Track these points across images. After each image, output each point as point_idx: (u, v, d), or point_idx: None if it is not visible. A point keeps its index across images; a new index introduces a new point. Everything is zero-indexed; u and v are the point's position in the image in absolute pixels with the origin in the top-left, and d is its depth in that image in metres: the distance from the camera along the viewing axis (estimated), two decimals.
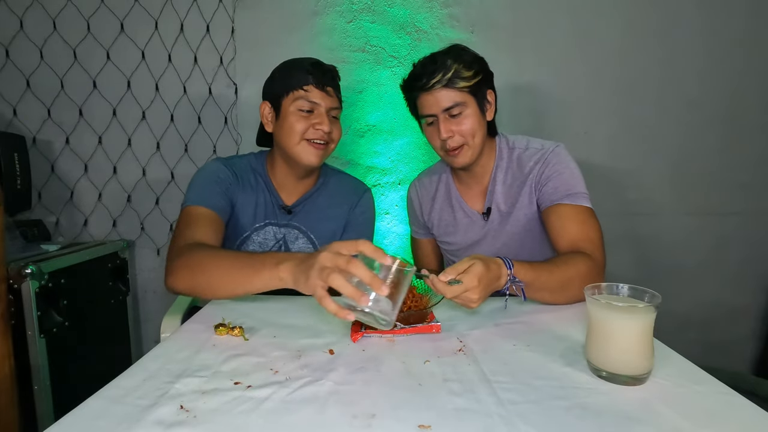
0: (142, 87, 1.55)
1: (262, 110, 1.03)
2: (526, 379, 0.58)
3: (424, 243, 1.24)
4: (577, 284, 0.83)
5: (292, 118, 0.97)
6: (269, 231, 1.06)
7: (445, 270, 0.71)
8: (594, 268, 0.87)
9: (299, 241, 1.07)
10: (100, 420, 0.49)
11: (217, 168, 1.03)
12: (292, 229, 1.07)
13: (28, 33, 1.50)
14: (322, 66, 1.00)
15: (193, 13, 1.52)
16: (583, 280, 0.82)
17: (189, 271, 0.80)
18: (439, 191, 1.16)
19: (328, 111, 1.00)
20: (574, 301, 0.86)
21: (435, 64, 0.96)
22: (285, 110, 0.98)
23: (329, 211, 1.09)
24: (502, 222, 1.06)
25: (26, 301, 1.14)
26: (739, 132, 1.61)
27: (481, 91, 0.99)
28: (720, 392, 0.55)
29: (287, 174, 1.06)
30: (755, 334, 1.71)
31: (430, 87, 0.96)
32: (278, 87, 0.99)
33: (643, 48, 1.56)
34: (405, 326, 0.72)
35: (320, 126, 0.97)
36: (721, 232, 1.65)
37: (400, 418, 0.49)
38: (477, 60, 1.00)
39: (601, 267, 0.90)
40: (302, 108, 0.97)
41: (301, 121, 0.97)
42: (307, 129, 0.97)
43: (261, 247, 1.06)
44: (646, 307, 0.57)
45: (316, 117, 0.98)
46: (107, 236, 1.62)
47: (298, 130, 0.97)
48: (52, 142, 1.56)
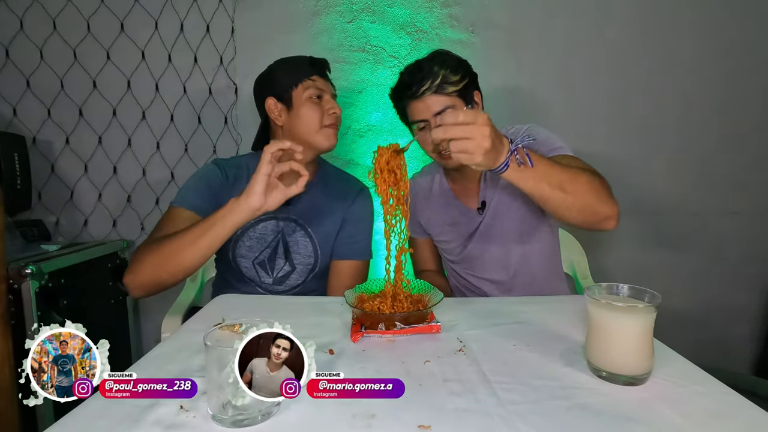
0: (142, 87, 1.55)
1: (269, 105, 1.06)
2: (526, 379, 0.58)
3: (421, 243, 1.24)
4: (584, 181, 0.77)
5: (307, 107, 1.04)
6: (269, 225, 1.07)
7: (446, 112, 0.67)
8: (599, 176, 0.82)
9: (296, 234, 1.08)
10: (100, 420, 0.49)
11: (209, 170, 1.06)
12: (290, 222, 1.08)
13: (28, 33, 1.50)
14: (318, 59, 1.10)
15: (193, 13, 1.52)
16: (590, 180, 0.77)
17: (146, 256, 0.86)
18: (434, 191, 1.18)
19: (333, 96, 1.08)
20: (580, 204, 0.77)
21: (422, 72, 0.99)
22: (298, 100, 1.04)
23: (327, 205, 1.11)
24: (499, 214, 1.07)
25: (26, 301, 1.14)
26: (738, 132, 1.61)
27: (469, 93, 1.02)
28: (720, 392, 0.55)
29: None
30: (755, 334, 1.71)
31: (420, 94, 0.98)
32: (285, 81, 1.05)
33: (643, 48, 1.56)
34: (405, 326, 0.72)
35: (333, 110, 1.05)
36: (720, 232, 1.65)
37: (400, 418, 0.49)
38: (461, 64, 1.02)
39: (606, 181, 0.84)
40: (313, 96, 1.04)
41: (316, 109, 1.04)
42: (322, 115, 1.04)
43: (259, 241, 1.06)
44: (646, 307, 0.57)
45: (327, 102, 1.05)
46: (107, 236, 1.61)
47: (315, 118, 1.04)
48: (52, 142, 1.56)
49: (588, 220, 0.81)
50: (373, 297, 0.82)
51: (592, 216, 0.80)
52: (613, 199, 0.82)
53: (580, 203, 0.77)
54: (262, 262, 1.07)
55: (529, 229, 1.07)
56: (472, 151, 0.66)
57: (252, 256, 1.06)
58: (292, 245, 1.07)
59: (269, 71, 1.08)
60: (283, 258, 1.07)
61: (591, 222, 0.81)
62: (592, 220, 0.81)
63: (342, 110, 1.09)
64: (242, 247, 1.06)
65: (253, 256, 1.06)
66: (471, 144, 0.66)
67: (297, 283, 1.09)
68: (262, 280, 1.08)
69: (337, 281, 1.09)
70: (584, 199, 0.78)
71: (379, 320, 0.73)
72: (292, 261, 1.08)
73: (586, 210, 0.79)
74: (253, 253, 1.06)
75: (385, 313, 0.74)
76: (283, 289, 1.09)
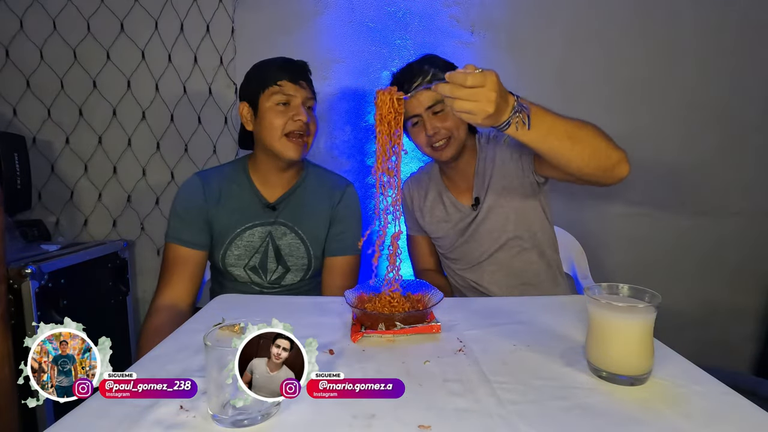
0: (142, 87, 1.55)
1: (241, 111, 1.07)
2: (526, 379, 0.58)
3: (420, 241, 1.25)
4: (589, 128, 0.78)
5: (271, 114, 1.02)
6: (255, 232, 1.07)
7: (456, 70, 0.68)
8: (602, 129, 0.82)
9: (287, 237, 1.08)
10: (100, 420, 0.49)
11: (191, 192, 1.08)
12: (278, 226, 1.08)
13: (28, 33, 1.50)
14: (292, 62, 1.05)
15: (193, 13, 1.52)
16: (594, 127, 0.78)
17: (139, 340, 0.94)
18: (430, 189, 1.20)
19: (304, 102, 1.04)
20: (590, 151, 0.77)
21: (412, 72, 1.04)
22: (263, 107, 1.03)
23: (313, 206, 1.11)
24: (493, 210, 1.09)
25: (26, 301, 1.14)
26: (738, 132, 1.61)
27: None
28: (720, 392, 0.55)
29: (269, 170, 1.08)
30: (755, 334, 1.70)
31: (412, 91, 1.00)
32: (254, 86, 1.04)
33: (643, 48, 1.56)
34: (405, 326, 0.72)
35: (298, 117, 1.01)
36: (721, 232, 1.65)
37: (400, 418, 0.49)
38: (449, 65, 1.07)
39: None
40: (279, 102, 1.02)
41: (279, 116, 1.02)
42: (285, 122, 1.01)
43: (247, 249, 1.07)
44: (646, 307, 0.57)
45: (293, 109, 1.02)
46: (107, 236, 1.61)
47: (277, 125, 1.01)
48: (52, 142, 1.56)
49: (601, 166, 0.81)
50: (374, 297, 0.82)
51: (605, 160, 0.80)
52: (618, 146, 0.82)
53: (590, 150, 0.78)
54: (254, 267, 1.08)
55: (525, 225, 1.08)
56: (475, 113, 0.68)
57: (242, 264, 1.07)
58: (283, 248, 1.08)
59: (246, 76, 1.08)
60: (275, 261, 1.08)
61: (605, 168, 0.81)
62: (605, 165, 0.81)
63: (317, 118, 1.07)
64: (231, 256, 1.07)
65: (243, 263, 1.07)
66: (475, 106, 0.67)
67: (293, 282, 1.10)
68: (256, 283, 1.09)
69: (329, 278, 1.10)
70: (593, 144, 0.78)
71: (379, 320, 0.73)
72: (285, 263, 1.08)
73: (599, 154, 0.79)
74: (242, 260, 1.07)
75: (385, 313, 0.74)
76: (279, 290, 1.10)
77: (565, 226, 1.36)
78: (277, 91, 1.01)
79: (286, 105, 1.02)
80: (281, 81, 1.01)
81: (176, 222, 1.05)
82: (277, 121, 1.01)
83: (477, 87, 0.66)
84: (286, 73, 1.02)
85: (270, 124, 1.01)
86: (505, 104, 0.70)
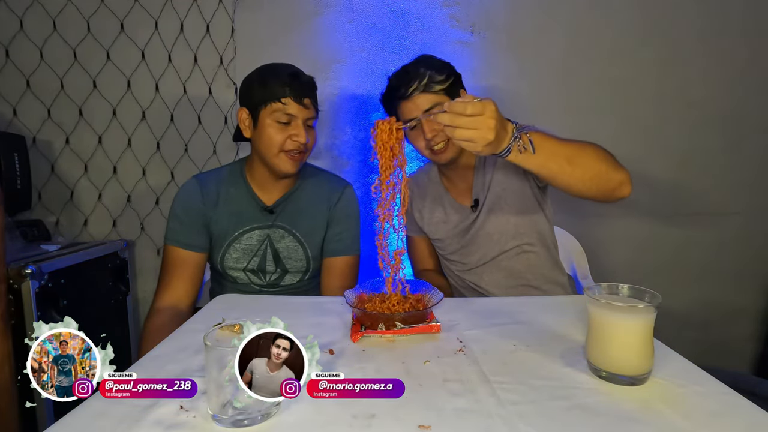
0: (142, 87, 1.55)
1: (240, 116, 1.05)
2: (526, 379, 0.58)
3: (419, 242, 1.25)
4: (590, 152, 0.79)
5: (270, 130, 1.00)
6: (253, 235, 1.07)
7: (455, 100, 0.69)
8: (603, 148, 0.83)
9: (285, 240, 1.08)
10: (100, 420, 0.49)
11: (189, 195, 1.07)
12: (276, 229, 1.08)
13: (28, 33, 1.50)
14: (299, 77, 1.01)
15: (193, 13, 1.52)
16: (596, 150, 0.78)
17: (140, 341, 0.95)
18: (429, 190, 1.20)
19: (305, 121, 1.01)
20: (590, 175, 0.78)
21: (409, 75, 1.02)
22: (263, 121, 1.00)
23: (310, 208, 1.11)
24: (492, 212, 1.09)
25: (26, 301, 1.14)
26: (739, 132, 1.61)
27: (456, 92, 1.03)
28: (720, 392, 0.55)
29: (266, 175, 1.08)
30: (755, 334, 1.71)
31: (409, 94, 1.01)
32: (256, 96, 1.00)
33: (644, 48, 1.56)
34: (405, 326, 0.72)
35: (297, 138, 1.00)
36: (721, 232, 1.65)
37: (400, 418, 0.49)
38: (445, 65, 1.06)
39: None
40: (280, 120, 0.99)
41: (278, 133, 1.00)
42: (284, 140, 1.00)
43: (245, 251, 1.07)
44: (646, 307, 0.57)
45: (294, 129, 1.00)
46: (107, 236, 1.62)
47: (276, 142, 1.00)
48: (52, 142, 1.56)
49: (602, 189, 0.81)
50: (374, 297, 0.82)
51: (605, 184, 0.81)
52: (621, 166, 0.83)
53: (590, 174, 0.79)
54: (253, 269, 1.08)
55: (525, 226, 1.08)
56: (475, 141, 0.68)
57: (241, 266, 1.08)
58: (282, 251, 1.08)
59: (249, 79, 1.04)
60: (273, 264, 1.08)
61: (605, 191, 0.82)
62: (605, 188, 0.82)
63: (316, 131, 1.07)
64: (229, 258, 1.07)
65: (242, 265, 1.08)
66: (475, 134, 0.68)
67: (292, 282, 1.10)
68: (255, 284, 1.09)
69: (328, 279, 1.10)
70: (594, 169, 0.79)
71: (379, 320, 0.73)
72: (284, 266, 1.08)
73: (599, 178, 0.80)
74: (241, 263, 1.07)
75: (385, 313, 0.74)
76: (278, 291, 1.10)
77: (565, 226, 1.36)
78: (280, 108, 0.98)
79: (287, 124, 1.00)
80: (285, 99, 0.98)
81: (175, 224, 1.06)
82: (277, 138, 0.99)
83: (476, 115, 0.67)
84: (291, 91, 0.98)
85: (269, 139, 1.00)
86: (504, 132, 0.71)
